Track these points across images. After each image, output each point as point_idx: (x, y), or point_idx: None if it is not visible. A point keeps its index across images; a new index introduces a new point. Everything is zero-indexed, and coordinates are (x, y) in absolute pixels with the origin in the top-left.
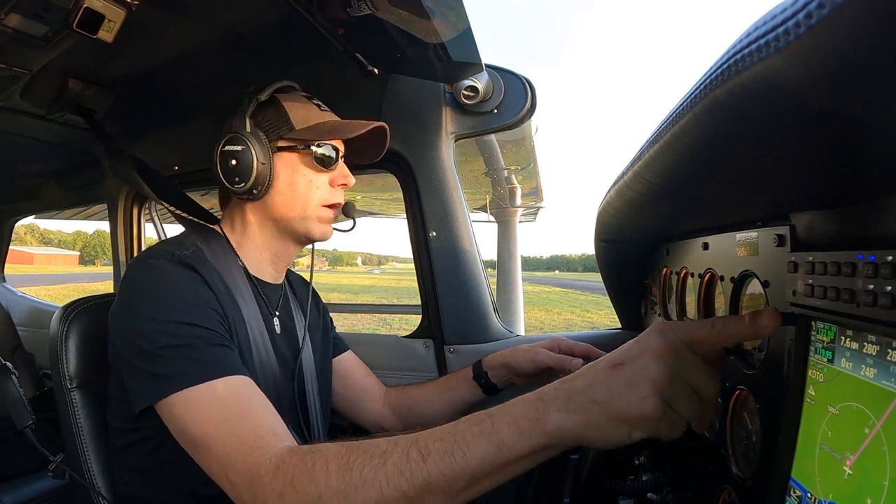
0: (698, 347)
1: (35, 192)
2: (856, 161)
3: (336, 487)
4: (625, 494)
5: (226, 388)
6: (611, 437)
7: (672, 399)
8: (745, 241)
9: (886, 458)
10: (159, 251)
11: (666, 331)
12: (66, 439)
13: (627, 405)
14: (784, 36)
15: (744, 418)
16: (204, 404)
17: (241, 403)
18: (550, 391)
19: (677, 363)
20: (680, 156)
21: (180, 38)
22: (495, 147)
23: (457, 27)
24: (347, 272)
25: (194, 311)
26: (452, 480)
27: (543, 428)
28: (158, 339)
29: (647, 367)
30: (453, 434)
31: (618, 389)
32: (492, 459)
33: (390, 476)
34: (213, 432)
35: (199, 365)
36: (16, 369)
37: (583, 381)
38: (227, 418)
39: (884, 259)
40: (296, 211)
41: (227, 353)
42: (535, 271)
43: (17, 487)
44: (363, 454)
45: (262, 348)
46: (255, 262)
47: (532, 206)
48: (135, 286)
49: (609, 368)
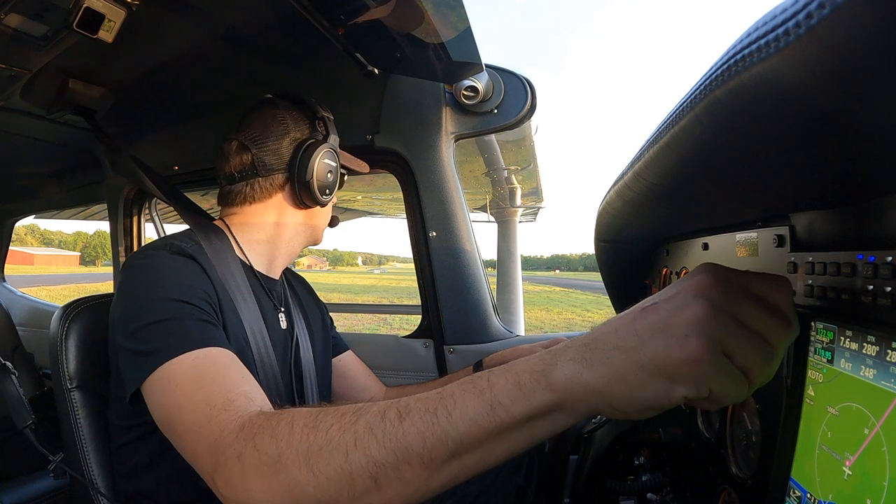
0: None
1: (35, 192)
2: (856, 161)
3: (298, 446)
4: (625, 494)
5: (204, 358)
6: (642, 395)
7: (725, 341)
8: (745, 242)
9: (886, 458)
10: (160, 243)
11: (712, 267)
12: (66, 439)
13: (665, 347)
14: (784, 36)
15: (744, 418)
16: (182, 376)
17: (217, 371)
18: (563, 344)
19: (728, 297)
20: (680, 156)
21: (180, 39)
22: (495, 147)
23: (457, 27)
24: (348, 272)
25: (186, 290)
26: (434, 447)
27: (550, 381)
28: (146, 316)
29: (687, 303)
30: (441, 392)
31: (650, 332)
32: (483, 422)
33: (360, 437)
34: (186, 402)
35: (181, 338)
36: (16, 369)
37: (604, 329)
38: (203, 385)
39: (884, 259)
40: (326, 221)
41: (212, 328)
42: (535, 271)
43: (17, 487)
44: (335, 413)
45: (262, 345)
46: (265, 259)
47: (532, 206)
48: (130, 276)
49: (638, 312)
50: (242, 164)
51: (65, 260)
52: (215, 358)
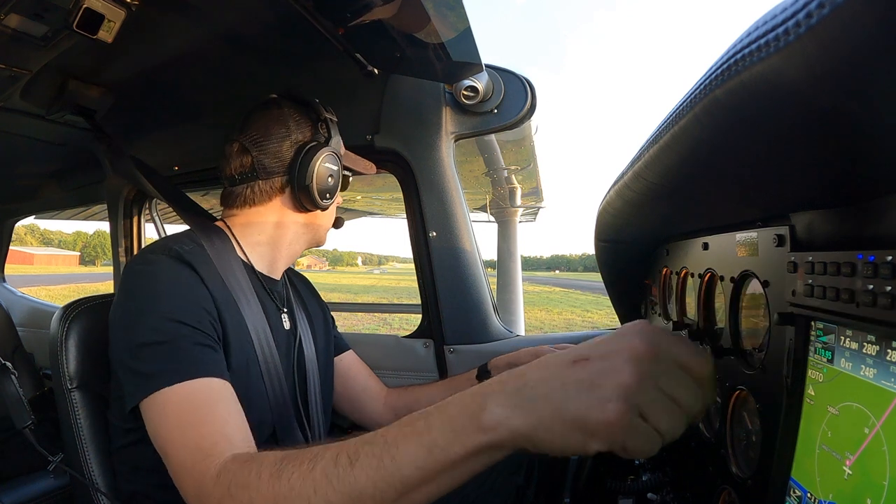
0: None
1: (35, 192)
2: (856, 161)
3: (266, 495)
4: (625, 494)
5: (199, 391)
6: (563, 444)
7: (644, 407)
8: (745, 241)
9: (886, 458)
10: (159, 247)
11: (647, 332)
12: (66, 439)
13: (586, 408)
14: (784, 36)
15: (744, 418)
16: (173, 406)
17: (209, 408)
18: (497, 382)
19: (655, 367)
20: (680, 156)
21: (180, 39)
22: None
23: (457, 27)
24: (348, 272)
25: (185, 309)
26: (384, 490)
27: (481, 424)
28: (146, 334)
29: (617, 367)
30: (384, 436)
31: (576, 388)
32: (424, 464)
33: (318, 483)
34: (178, 436)
35: (178, 364)
36: (16, 369)
37: (537, 373)
38: (190, 421)
39: (883, 259)
40: (329, 223)
41: (209, 353)
42: (535, 271)
43: (16, 487)
44: (295, 460)
45: (266, 346)
46: (266, 261)
47: (532, 206)
48: (131, 282)
49: (570, 363)
50: (243, 166)
51: (65, 260)
52: (209, 391)
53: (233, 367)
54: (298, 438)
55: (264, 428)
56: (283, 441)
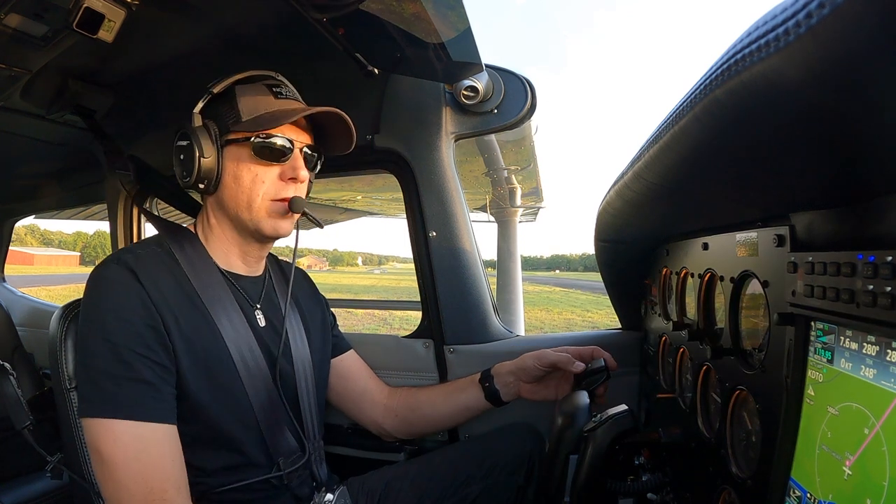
0: None
1: (35, 192)
2: (855, 161)
3: None
4: (625, 494)
5: (142, 435)
6: None
7: None
8: (745, 242)
9: (886, 458)
10: (118, 255)
11: None
12: (66, 439)
13: None
14: (784, 36)
15: (744, 418)
16: (122, 436)
17: (158, 452)
18: None
19: None
20: (680, 156)
21: (180, 38)
22: (495, 147)
23: (457, 27)
24: (348, 272)
25: (122, 328)
26: None
27: None
28: (85, 352)
29: None
30: None
31: None
32: None
33: None
34: (122, 471)
35: (114, 400)
36: (15, 369)
37: None
38: (143, 463)
39: (883, 259)
40: (242, 205)
41: (147, 391)
42: (535, 271)
43: (16, 487)
44: None
45: (244, 345)
46: (224, 257)
47: (532, 206)
48: (86, 292)
49: None
50: None
51: (65, 260)
52: (152, 438)
53: (196, 371)
54: (289, 439)
55: (249, 429)
56: (273, 442)
